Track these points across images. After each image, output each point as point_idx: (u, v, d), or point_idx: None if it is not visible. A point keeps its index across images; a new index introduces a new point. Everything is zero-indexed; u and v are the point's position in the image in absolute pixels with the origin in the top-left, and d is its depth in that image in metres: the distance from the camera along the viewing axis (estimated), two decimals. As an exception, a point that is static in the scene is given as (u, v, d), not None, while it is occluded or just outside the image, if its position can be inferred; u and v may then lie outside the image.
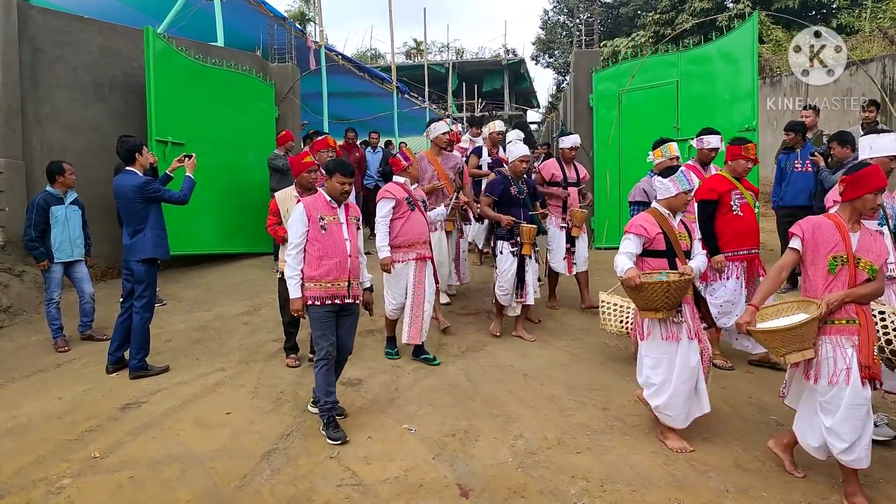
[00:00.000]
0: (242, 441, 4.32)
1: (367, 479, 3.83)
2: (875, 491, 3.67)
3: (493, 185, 6.32)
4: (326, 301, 4.35)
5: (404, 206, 5.62)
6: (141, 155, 5.62)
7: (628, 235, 4.28)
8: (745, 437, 4.28)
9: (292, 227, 4.37)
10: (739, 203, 5.34)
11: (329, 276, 4.34)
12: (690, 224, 4.50)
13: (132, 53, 9.18)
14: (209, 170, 7.54)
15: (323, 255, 4.34)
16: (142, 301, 5.54)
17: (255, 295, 8.10)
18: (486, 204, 6.28)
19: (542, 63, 39.01)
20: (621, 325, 5.45)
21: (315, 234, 4.35)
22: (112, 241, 8.16)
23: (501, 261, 6.13)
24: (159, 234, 5.58)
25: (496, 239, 6.24)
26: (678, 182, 4.25)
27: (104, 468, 3.99)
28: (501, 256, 6.13)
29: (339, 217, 4.46)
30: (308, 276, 4.36)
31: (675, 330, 4.13)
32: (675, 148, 5.67)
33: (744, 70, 8.83)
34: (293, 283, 4.37)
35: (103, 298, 7.52)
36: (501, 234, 6.17)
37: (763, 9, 18.16)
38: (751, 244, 5.43)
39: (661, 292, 4.00)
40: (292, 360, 5.70)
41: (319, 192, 4.54)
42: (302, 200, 4.48)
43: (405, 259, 5.64)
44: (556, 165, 7.18)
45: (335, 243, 4.38)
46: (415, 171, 5.81)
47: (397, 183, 5.75)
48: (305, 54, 11.96)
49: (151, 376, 5.50)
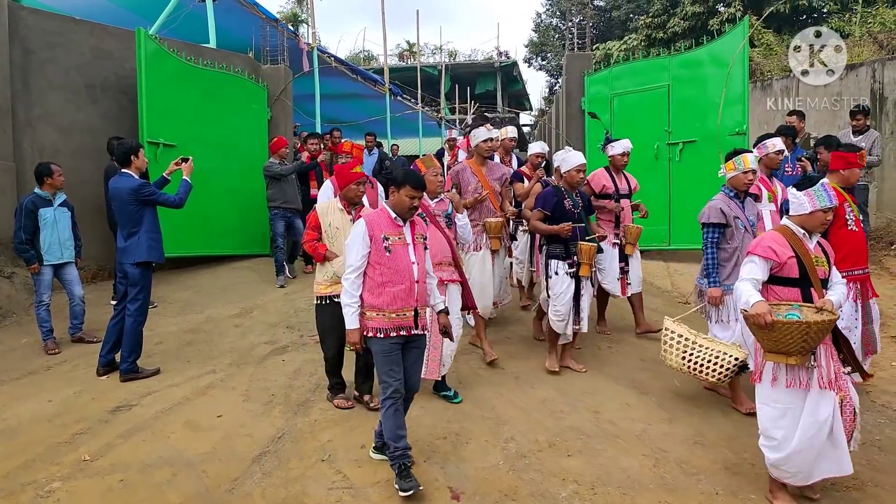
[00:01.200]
0: (233, 444, 4.32)
1: (358, 482, 3.83)
2: (861, 493, 3.70)
3: (545, 197, 5.58)
4: (391, 333, 3.77)
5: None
6: (137, 157, 5.60)
7: (753, 258, 3.65)
8: (735, 441, 4.31)
9: (352, 248, 3.81)
10: (853, 217, 4.78)
11: (394, 305, 3.77)
12: (828, 247, 3.85)
13: (124, 55, 9.15)
14: (201, 171, 7.47)
15: (387, 281, 3.77)
16: (135, 304, 5.53)
17: (247, 297, 8.09)
18: (536, 219, 5.56)
19: (535, 66, 39.10)
20: (684, 361, 4.60)
21: (378, 256, 3.79)
22: (103, 243, 8.13)
23: (556, 283, 5.43)
24: (154, 237, 5.56)
25: (548, 258, 5.51)
26: (816, 197, 3.60)
27: (94, 471, 3.98)
28: (556, 278, 5.44)
29: (405, 237, 3.88)
30: (369, 304, 3.79)
31: (804, 376, 3.44)
32: (750, 160, 4.89)
33: (734, 74, 8.88)
34: (350, 311, 3.81)
35: (94, 301, 7.49)
36: (555, 253, 5.47)
37: (754, 13, 18.27)
38: (865, 262, 4.88)
39: (799, 335, 3.30)
40: (343, 402, 4.88)
41: (382, 208, 3.99)
42: (364, 217, 3.94)
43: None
44: (606, 175, 6.43)
45: (401, 267, 3.80)
46: (430, 184, 4.97)
47: None
48: (298, 56, 11.94)
49: (142, 379, 5.49)
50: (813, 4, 19.57)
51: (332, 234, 4.82)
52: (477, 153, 6.16)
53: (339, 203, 4.92)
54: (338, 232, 4.79)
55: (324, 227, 4.87)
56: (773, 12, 19.06)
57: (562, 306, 5.40)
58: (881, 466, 3.98)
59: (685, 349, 4.62)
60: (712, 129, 7.32)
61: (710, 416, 4.72)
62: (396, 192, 3.85)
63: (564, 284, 5.42)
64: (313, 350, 6.18)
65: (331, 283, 4.72)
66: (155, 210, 5.63)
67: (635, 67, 10.47)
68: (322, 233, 4.87)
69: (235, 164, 9.94)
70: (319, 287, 4.80)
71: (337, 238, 4.76)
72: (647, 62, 10.36)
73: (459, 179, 6.08)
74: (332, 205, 4.96)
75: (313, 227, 4.91)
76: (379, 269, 3.78)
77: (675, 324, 4.75)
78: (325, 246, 4.81)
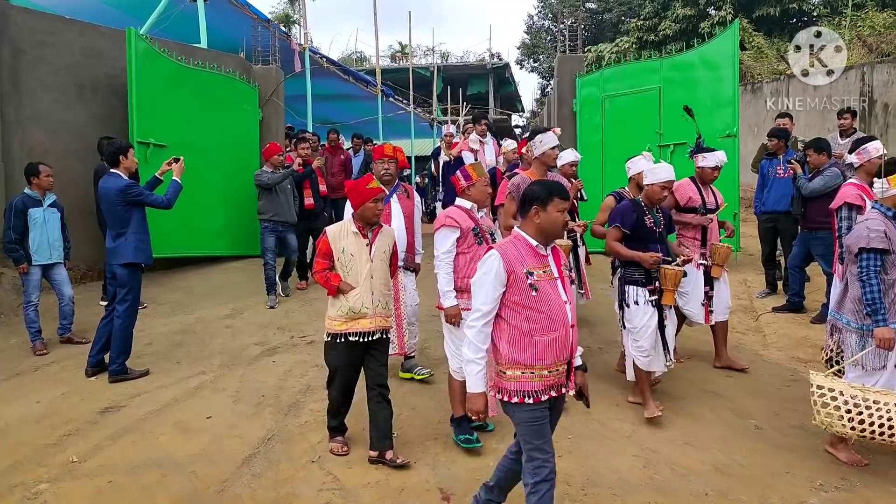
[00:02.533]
0: (223, 445, 4.30)
1: (348, 483, 3.82)
2: (850, 493, 3.72)
3: (623, 213, 4.82)
4: (542, 396, 2.98)
5: (470, 238, 4.26)
6: (126, 157, 5.57)
7: None
8: (726, 441, 4.32)
9: (481, 287, 2.98)
10: None
11: (547, 359, 2.96)
12: None
13: (114, 54, 9.10)
14: (191, 172, 7.42)
15: (536, 329, 2.95)
16: (124, 305, 5.50)
17: (237, 298, 8.06)
18: (613, 238, 4.81)
19: (527, 67, 39.17)
20: (854, 424, 3.65)
21: (522, 296, 2.95)
22: (93, 243, 8.08)
23: (636, 314, 4.73)
24: (141, 238, 5.53)
25: (625, 284, 4.81)
26: None
27: (82, 473, 3.95)
28: (636, 308, 4.73)
29: (551, 269, 3.07)
30: (510, 359, 2.97)
31: None
32: None
33: (725, 77, 8.92)
34: (476, 370, 3.01)
35: (83, 301, 7.45)
36: (634, 278, 4.77)
37: (745, 16, 18.38)
38: None
39: None
40: (339, 447, 4.24)
41: (517, 233, 3.11)
42: (496, 248, 3.07)
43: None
44: (692, 186, 5.63)
45: (553, 309, 2.98)
46: (480, 194, 4.37)
47: (461, 208, 4.36)
48: (290, 56, 11.91)
49: (131, 380, 5.46)
50: (803, 8, 19.72)
51: (347, 261, 4.10)
52: (541, 163, 5.30)
53: (353, 225, 4.16)
54: (353, 259, 4.09)
55: (336, 253, 4.13)
56: (764, 15, 19.19)
57: (645, 340, 4.69)
58: (869, 467, 4.01)
59: (854, 410, 3.65)
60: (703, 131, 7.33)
61: (700, 417, 4.73)
62: (541, 209, 3.00)
63: (646, 315, 4.71)
64: (304, 351, 6.17)
65: (347, 319, 4.06)
66: (143, 211, 5.60)
67: (626, 70, 10.52)
68: (334, 260, 4.15)
69: (226, 164, 9.90)
70: (333, 323, 4.12)
71: (352, 266, 4.10)
72: (639, 64, 10.41)
73: (519, 193, 4.73)
74: (345, 227, 4.19)
75: (324, 253, 4.18)
76: (524, 313, 2.96)
77: (829, 379, 3.81)
78: (338, 276, 4.10)
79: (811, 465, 4.00)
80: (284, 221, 7.94)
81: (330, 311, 4.16)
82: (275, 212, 7.86)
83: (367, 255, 4.10)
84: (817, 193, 6.51)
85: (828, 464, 4.02)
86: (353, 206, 4.15)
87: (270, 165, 8.02)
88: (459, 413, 4.21)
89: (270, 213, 7.86)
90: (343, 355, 4.13)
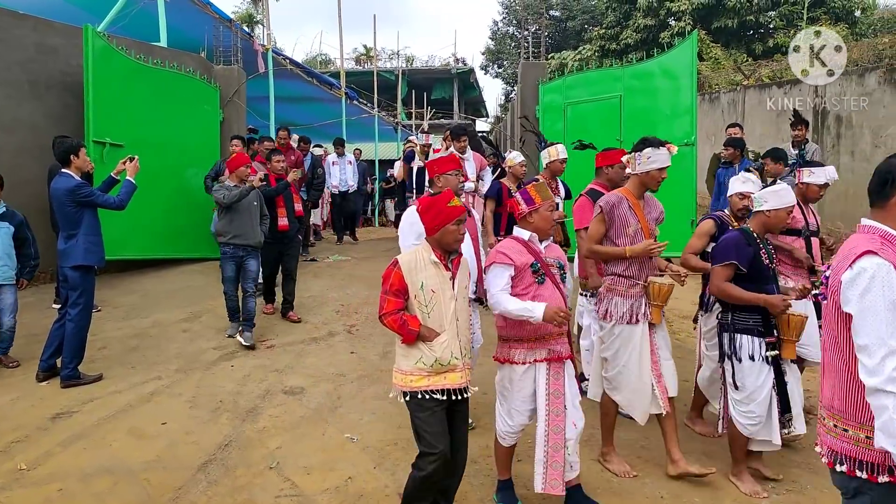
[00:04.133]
0: (178, 452, 4.23)
1: (306, 489, 3.79)
2: (800, 495, 3.82)
3: (738, 247, 3.87)
4: None
5: (528, 276, 3.51)
6: (77, 157, 5.43)
7: None
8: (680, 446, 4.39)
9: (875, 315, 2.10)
10: None
11: None
12: None
13: (70, 52, 8.91)
14: (149, 172, 7.30)
15: None
16: (76, 308, 5.37)
17: (195, 301, 7.92)
18: (723, 277, 3.87)
19: (492, 73, 39.50)
20: None
21: None
22: (45, 244, 7.82)
23: (750, 371, 3.81)
24: (92, 239, 5.39)
25: (734, 332, 3.90)
26: None
27: (31, 481, 3.85)
28: (751, 366, 3.82)
29: None
30: None
31: None
32: None
33: (683, 86, 9.09)
34: None
35: (34, 304, 7.27)
36: (748, 326, 3.86)
37: (703, 28, 18.80)
38: None
39: None
40: None
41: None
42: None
43: (530, 359, 3.52)
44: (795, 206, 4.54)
45: None
46: (544, 222, 3.60)
47: (518, 239, 3.62)
48: (252, 57, 11.79)
49: (84, 385, 5.33)
50: (760, 20, 20.24)
51: (427, 300, 3.25)
52: (641, 183, 4.12)
53: (431, 253, 3.30)
54: (434, 297, 3.26)
55: (412, 290, 3.27)
56: (722, 27, 19.65)
57: (758, 405, 3.80)
58: (819, 469, 4.11)
59: None
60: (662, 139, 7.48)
61: (655, 422, 4.80)
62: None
63: (763, 373, 3.81)
64: (264, 356, 6.11)
65: (431, 373, 3.24)
66: (95, 212, 5.46)
67: (589, 77, 10.64)
68: (410, 298, 3.29)
69: (185, 165, 9.75)
70: (410, 378, 3.26)
71: (434, 306, 3.25)
72: (601, 72, 10.54)
73: (613, 216, 4.04)
74: (422, 257, 3.31)
75: (397, 290, 3.27)
76: None
77: None
78: (416, 320, 3.24)
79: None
80: (247, 245, 6.54)
81: (403, 362, 3.29)
82: (235, 233, 6.48)
83: (450, 291, 3.29)
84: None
85: (780, 467, 4.12)
86: (429, 229, 3.32)
87: (235, 178, 6.61)
88: (505, 476, 3.72)
89: (230, 235, 6.48)
90: (436, 414, 3.27)
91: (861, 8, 20.42)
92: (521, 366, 3.51)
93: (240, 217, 6.50)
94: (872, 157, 9.49)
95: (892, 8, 21.41)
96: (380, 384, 5.37)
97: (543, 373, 3.50)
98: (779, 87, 11.97)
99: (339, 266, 9.95)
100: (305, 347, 6.33)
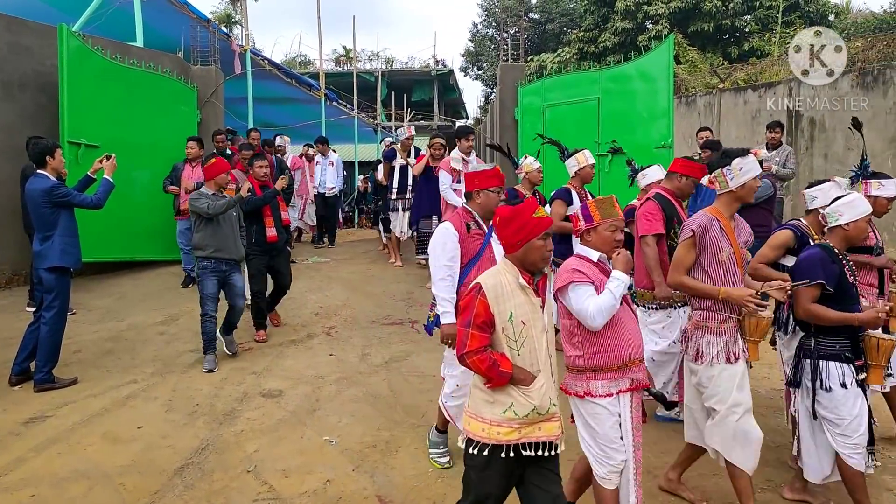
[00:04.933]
0: (154, 456, 4.19)
1: (284, 492, 3.78)
2: (774, 493, 3.87)
3: (824, 265, 3.52)
4: None
5: None
6: (53, 158, 5.37)
7: None
8: (656, 445, 4.43)
9: None
10: None
11: None
12: None
13: (45, 51, 8.80)
14: (126, 173, 7.22)
15: None
16: (51, 311, 5.30)
17: (172, 304, 7.85)
18: (810, 298, 3.51)
19: (471, 75, 39.50)
20: None
21: None
22: (18, 246, 7.78)
23: (844, 401, 3.47)
24: (68, 241, 5.33)
25: (818, 359, 3.57)
26: None
27: (3, 487, 3.80)
28: (844, 393, 3.48)
29: None
30: None
31: None
32: None
33: (660, 89, 9.18)
34: None
35: (7, 307, 7.16)
36: (835, 352, 3.54)
37: (680, 31, 18.99)
38: None
39: None
40: None
41: None
42: None
43: (614, 390, 3.11)
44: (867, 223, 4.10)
45: None
46: (604, 242, 3.18)
47: (587, 259, 3.19)
48: (230, 58, 11.72)
49: (58, 389, 5.27)
50: (736, 24, 20.48)
51: (517, 333, 2.69)
52: (736, 199, 3.62)
53: (518, 276, 2.74)
54: (525, 329, 2.70)
55: (500, 322, 2.68)
56: (698, 31, 19.87)
57: (860, 436, 3.47)
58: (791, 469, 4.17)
59: None
60: (640, 142, 7.54)
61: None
62: None
63: (859, 401, 3.49)
64: (241, 358, 6.06)
65: (523, 423, 2.69)
66: (71, 213, 5.40)
67: (567, 80, 10.71)
68: (497, 332, 2.69)
69: (162, 166, 9.64)
70: (497, 431, 2.68)
71: (525, 341, 2.70)
72: (579, 75, 10.61)
73: (706, 241, 3.54)
74: (508, 281, 2.73)
75: (483, 323, 2.67)
76: None
77: None
78: (507, 360, 2.66)
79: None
80: (229, 259, 6.01)
81: (486, 410, 2.71)
82: (216, 246, 5.91)
83: (541, 321, 2.75)
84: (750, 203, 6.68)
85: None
86: (510, 245, 2.77)
87: (214, 186, 6.04)
88: None
89: (211, 249, 5.89)
90: (503, 476, 2.75)
91: (835, 12, 20.75)
92: (604, 398, 3.10)
93: (221, 229, 5.95)
94: (845, 159, 9.64)
95: (865, 12, 21.77)
96: (358, 386, 5.36)
97: (627, 404, 3.13)
98: (754, 90, 12.11)
99: (318, 268, 9.90)
100: (284, 350, 6.30)
